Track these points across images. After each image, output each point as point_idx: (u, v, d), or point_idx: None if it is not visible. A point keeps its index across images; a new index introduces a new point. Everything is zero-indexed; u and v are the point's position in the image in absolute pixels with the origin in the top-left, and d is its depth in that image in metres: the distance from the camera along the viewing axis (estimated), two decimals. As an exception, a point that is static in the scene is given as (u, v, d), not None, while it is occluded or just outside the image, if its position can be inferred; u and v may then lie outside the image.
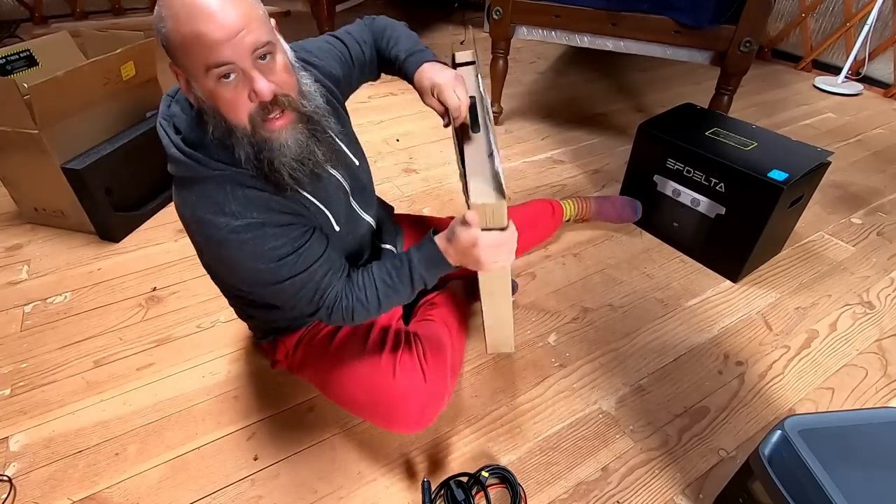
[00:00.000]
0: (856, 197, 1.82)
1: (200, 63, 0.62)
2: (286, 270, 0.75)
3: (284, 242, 0.74)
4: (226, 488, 0.94)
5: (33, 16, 3.30)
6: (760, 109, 2.50)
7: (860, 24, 2.62)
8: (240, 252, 0.72)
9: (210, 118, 0.67)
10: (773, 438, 0.73)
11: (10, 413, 1.06)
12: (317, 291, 0.78)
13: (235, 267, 0.75)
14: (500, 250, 0.76)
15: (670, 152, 1.44)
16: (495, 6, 1.93)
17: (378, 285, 0.81)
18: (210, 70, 0.62)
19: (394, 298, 0.83)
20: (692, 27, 1.65)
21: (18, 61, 1.52)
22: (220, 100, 0.65)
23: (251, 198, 0.72)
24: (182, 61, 0.64)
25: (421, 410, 0.90)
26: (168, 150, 0.70)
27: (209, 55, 0.61)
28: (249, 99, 0.65)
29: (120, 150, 1.49)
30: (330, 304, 0.80)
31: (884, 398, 1.12)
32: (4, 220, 1.62)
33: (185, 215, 0.73)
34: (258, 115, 0.66)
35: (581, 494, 0.94)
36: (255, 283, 0.78)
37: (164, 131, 0.71)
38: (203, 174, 0.70)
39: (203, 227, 0.71)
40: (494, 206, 0.73)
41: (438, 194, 1.79)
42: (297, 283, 0.76)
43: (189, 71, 0.64)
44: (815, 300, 1.38)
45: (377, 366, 0.92)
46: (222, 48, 0.61)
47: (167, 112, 0.73)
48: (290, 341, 1.00)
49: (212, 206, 0.70)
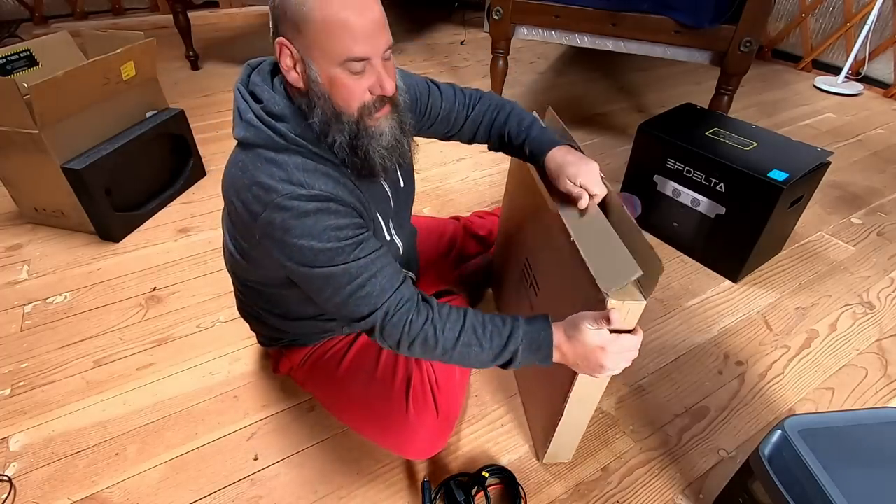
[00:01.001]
0: (856, 197, 1.82)
1: (339, 52, 0.63)
2: (342, 256, 0.68)
3: (346, 224, 0.69)
4: (226, 488, 0.94)
5: (33, 16, 3.29)
6: (760, 109, 2.50)
7: (860, 24, 2.62)
8: (299, 223, 0.66)
9: (317, 100, 0.67)
10: (773, 438, 0.73)
11: (10, 413, 1.06)
12: (375, 289, 0.69)
13: (287, 241, 0.67)
14: (625, 357, 0.68)
15: (670, 152, 1.44)
16: (495, 6, 1.93)
17: (465, 328, 0.70)
18: (346, 61, 0.64)
19: (469, 354, 0.70)
20: (692, 27, 1.65)
21: (18, 61, 1.52)
22: (339, 87, 0.66)
23: (322, 172, 0.70)
24: (311, 43, 0.63)
25: (433, 443, 0.91)
26: (244, 114, 0.69)
27: (352, 47, 0.63)
28: (370, 91, 0.67)
29: (120, 150, 1.49)
30: (392, 310, 0.70)
31: (884, 398, 1.12)
32: (4, 220, 1.62)
33: (244, 181, 0.68)
34: (371, 107, 0.69)
35: (581, 494, 0.94)
36: (303, 262, 0.68)
37: (240, 96, 0.70)
38: (278, 145, 0.68)
39: (265, 192, 0.66)
40: (635, 307, 0.66)
41: (438, 194, 1.79)
42: (353, 272, 0.68)
43: (314, 53, 0.64)
44: (815, 300, 1.38)
45: (389, 398, 0.90)
46: (366, 43, 0.63)
47: (247, 80, 0.72)
48: (296, 357, 0.98)
49: (279, 173, 0.67)
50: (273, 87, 0.71)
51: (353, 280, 0.69)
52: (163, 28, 3.36)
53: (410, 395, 0.90)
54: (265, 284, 0.85)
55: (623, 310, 0.66)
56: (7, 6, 3.25)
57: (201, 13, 3.58)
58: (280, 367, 1.01)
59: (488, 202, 1.74)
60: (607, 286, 0.67)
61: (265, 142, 0.68)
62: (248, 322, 1.01)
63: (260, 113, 0.68)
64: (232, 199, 0.72)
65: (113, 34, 1.59)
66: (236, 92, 0.71)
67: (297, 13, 0.62)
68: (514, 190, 1.16)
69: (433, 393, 0.91)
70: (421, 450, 0.91)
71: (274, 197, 0.66)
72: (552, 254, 0.90)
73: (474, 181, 1.87)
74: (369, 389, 0.92)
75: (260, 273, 0.83)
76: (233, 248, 0.83)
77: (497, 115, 0.95)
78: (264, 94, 0.70)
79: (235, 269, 0.88)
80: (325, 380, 0.96)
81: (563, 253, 0.81)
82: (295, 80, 0.67)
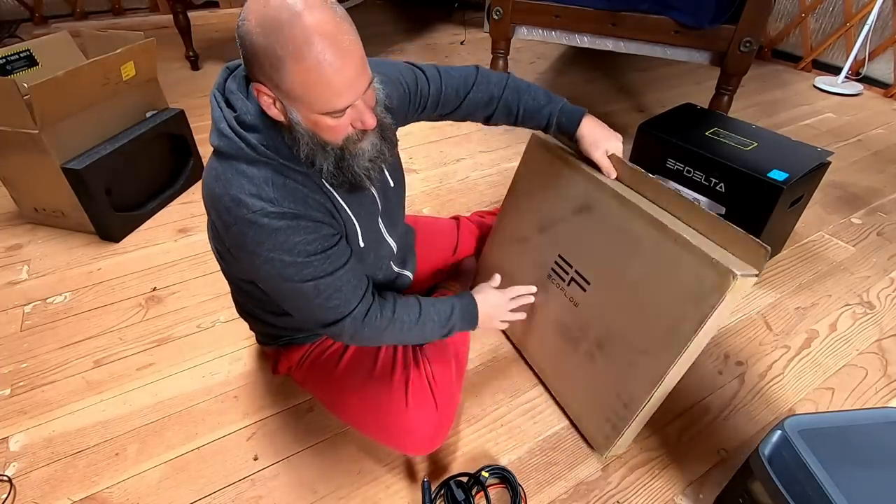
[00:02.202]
0: (856, 197, 1.82)
1: (320, 106, 0.63)
2: (310, 270, 0.72)
3: (314, 239, 0.71)
4: (226, 488, 0.94)
5: (33, 16, 3.30)
6: (760, 109, 2.50)
7: (860, 24, 2.62)
8: (269, 239, 0.69)
9: (301, 136, 0.67)
10: (773, 438, 0.73)
11: (10, 413, 1.06)
12: (341, 301, 0.76)
13: (259, 255, 0.71)
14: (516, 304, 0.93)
15: (670, 152, 1.44)
16: (495, 6, 1.93)
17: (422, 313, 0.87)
18: (328, 114, 0.64)
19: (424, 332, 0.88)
20: (692, 27, 1.65)
21: (18, 61, 1.52)
22: (323, 128, 0.66)
23: (290, 189, 0.70)
24: (289, 95, 0.63)
25: (433, 437, 0.91)
26: (218, 123, 0.69)
27: (333, 101, 0.63)
28: (352, 126, 0.68)
29: (120, 150, 1.49)
30: (359, 315, 0.78)
31: (884, 398, 1.12)
32: (4, 220, 1.62)
33: (216, 191, 0.70)
34: (356, 137, 0.69)
35: (581, 494, 0.94)
36: (274, 276, 0.73)
37: (216, 103, 0.70)
38: (249, 157, 0.68)
39: (236, 206, 0.68)
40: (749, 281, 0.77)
41: (438, 194, 1.79)
42: (320, 286, 0.73)
43: (295, 104, 0.64)
44: (815, 300, 1.38)
45: (389, 394, 0.91)
46: (347, 94, 0.63)
47: (224, 86, 0.71)
48: (294, 356, 0.98)
49: (249, 188, 0.68)
50: (248, 94, 0.70)
51: (321, 294, 0.74)
52: (163, 28, 3.36)
53: (409, 392, 0.90)
54: (245, 281, 0.87)
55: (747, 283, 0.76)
56: (7, 6, 3.25)
57: (201, 13, 3.57)
58: (279, 367, 1.01)
59: (488, 202, 1.74)
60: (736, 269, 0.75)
61: (237, 153, 0.68)
62: (245, 320, 1.02)
63: (233, 123, 0.68)
64: (207, 207, 0.75)
65: (113, 34, 1.59)
66: (212, 98, 0.71)
67: (274, 70, 0.60)
68: (529, 191, 1.15)
69: (431, 388, 0.92)
70: (422, 446, 0.92)
71: (244, 212, 0.68)
72: (622, 246, 0.93)
73: (474, 181, 1.87)
74: (369, 387, 0.92)
75: (238, 270, 0.85)
76: (214, 250, 0.86)
77: (504, 94, 0.98)
78: (237, 102, 0.69)
79: (223, 268, 0.90)
80: (324, 379, 0.96)
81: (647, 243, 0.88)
82: (275, 116, 0.67)
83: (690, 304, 0.80)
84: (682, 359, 0.83)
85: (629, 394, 0.91)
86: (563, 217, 1.05)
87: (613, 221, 0.94)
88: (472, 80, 0.97)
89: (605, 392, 0.96)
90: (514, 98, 0.97)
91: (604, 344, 0.96)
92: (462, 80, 0.96)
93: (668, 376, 0.85)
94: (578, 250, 1.02)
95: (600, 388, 0.97)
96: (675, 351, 0.83)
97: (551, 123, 0.99)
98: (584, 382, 1.01)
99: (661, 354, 0.85)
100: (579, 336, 1.01)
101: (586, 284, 1.00)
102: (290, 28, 0.57)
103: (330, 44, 0.59)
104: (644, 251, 0.89)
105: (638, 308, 0.90)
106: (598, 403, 0.98)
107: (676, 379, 0.89)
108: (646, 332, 0.88)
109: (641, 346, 0.89)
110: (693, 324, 0.80)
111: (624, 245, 0.92)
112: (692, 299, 0.80)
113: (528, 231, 1.14)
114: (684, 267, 0.82)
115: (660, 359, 0.85)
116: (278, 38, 0.58)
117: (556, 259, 1.06)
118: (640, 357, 0.89)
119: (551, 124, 0.99)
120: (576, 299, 1.02)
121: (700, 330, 0.79)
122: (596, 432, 1.00)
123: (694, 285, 0.80)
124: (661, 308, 0.86)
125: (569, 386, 1.07)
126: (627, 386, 0.92)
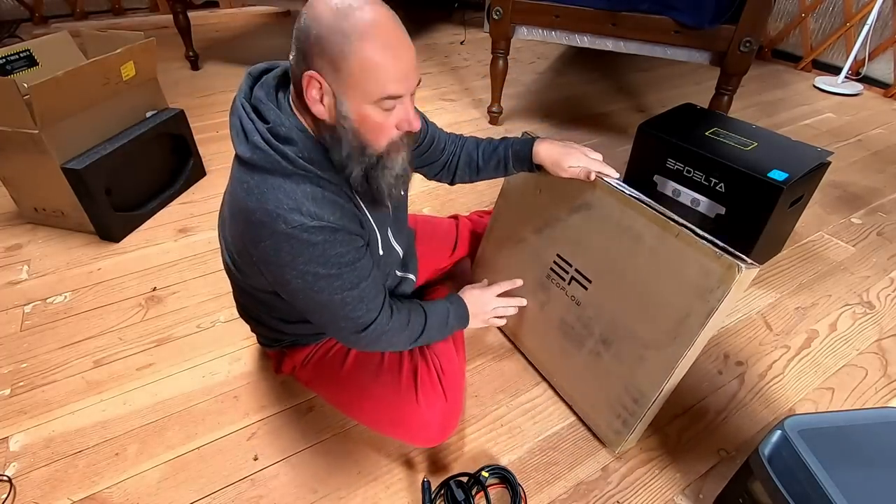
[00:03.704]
0: (856, 197, 1.82)
1: (375, 90, 0.64)
2: (340, 283, 0.72)
3: (349, 251, 0.71)
4: (226, 488, 0.94)
5: (33, 16, 3.30)
6: (760, 109, 2.50)
7: (860, 24, 2.63)
8: (305, 253, 0.68)
9: (345, 134, 0.67)
10: (773, 438, 0.73)
11: (10, 413, 1.06)
12: (363, 311, 0.76)
13: (293, 269, 0.69)
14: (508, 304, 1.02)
15: (670, 152, 1.44)
16: (495, 6, 1.93)
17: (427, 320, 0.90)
18: (381, 99, 0.64)
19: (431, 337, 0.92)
20: (692, 27, 1.65)
21: (18, 61, 1.52)
22: (370, 124, 0.66)
23: (329, 201, 0.70)
24: (347, 80, 0.63)
25: (444, 428, 0.92)
26: (251, 136, 0.67)
27: (389, 86, 0.64)
28: (397, 127, 0.69)
29: (120, 150, 1.49)
30: (376, 325, 0.79)
31: (884, 398, 1.12)
32: (4, 220, 1.62)
33: (249, 205, 0.68)
34: (399, 142, 0.70)
35: (581, 494, 0.94)
36: (304, 289, 0.72)
37: (246, 115, 0.68)
38: (286, 170, 0.67)
39: (272, 220, 0.66)
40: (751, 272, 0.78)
41: (438, 194, 1.79)
42: (347, 298, 0.73)
43: (349, 91, 0.64)
44: (815, 300, 1.38)
45: (398, 389, 0.91)
46: (401, 82, 0.65)
47: (249, 94, 0.70)
48: (299, 356, 0.98)
49: (288, 202, 0.66)
50: (278, 103, 0.69)
51: (347, 305, 0.74)
52: (163, 28, 3.36)
53: (419, 385, 0.91)
54: (262, 291, 0.86)
55: (749, 275, 0.77)
56: (7, 6, 3.25)
57: (201, 13, 3.58)
58: (282, 367, 1.01)
59: (488, 202, 1.74)
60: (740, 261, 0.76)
61: (272, 166, 0.67)
62: (248, 323, 1.01)
63: (267, 136, 0.66)
64: (236, 218, 0.72)
65: (113, 34, 1.59)
66: (240, 108, 0.69)
67: (337, 51, 0.61)
68: (522, 194, 1.15)
69: (440, 379, 0.93)
70: (433, 437, 0.92)
71: (282, 227, 0.66)
72: (623, 242, 0.93)
73: (474, 181, 1.87)
74: (377, 383, 0.92)
75: (256, 282, 0.83)
76: (228, 258, 0.84)
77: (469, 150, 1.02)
78: (270, 113, 0.68)
79: (232, 276, 0.89)
80: (330, 377, 0.96)
81: (649, 239, 0.89)
82: (320, 113, 0.66)
83: (696, 297, 0.81)
84: (690, 352, 0.84)
85: (638, 389, 0.92)
86: (559, 217, 1.06)
87: (613, 219, 0.94)
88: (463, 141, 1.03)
89: (614, 388, 0.96)
90: (473, 146, 1.02)
91: (610, 341, 0.96)
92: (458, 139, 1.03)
93: (677, 370, 0.86)
94: (578, 249, 1.02)
95: (608, 385, 0.98)
96: (684, 345, 0.83)
97: (508, 157, 1.00)
98: (592, 380, 1.02)
99: (670, 348, 0.86)
100: (584, 334, 1.01)
101: (587, 282, 1.00)
102: (361, 12, 0.61)
103: (394, 29, 0.63)
104: (646, 247, 0.89)
105: (643, 304, 0.90)
106: (607, 400, 0.98)
107: (682, 373, 0.89)
108: (653, 327, 0.89)
109: (649, 341, 0.89)
110: (700, 317, 0.81)
111: (625, 242, 0.93)
112: (698, 293, 0.81)
113: (523, 233, 1.14)
114: (688, 261, 0.82)
115: (668, 353, 0.86)
116: (347, 18, 0.61)
117: (555, 258, 1.06)
118: (648, 352, 0.89)
119: (508, 158, 1.00)
120: (577, 298, 1.02)
121: (707, 323, 0.80)
122: (606, 429, 1.00)
123: (699, 279, 0.81)
124: (666, 303, 0.86)
125: (576, 384, 1.07)
126: (636, 381, 0.92)
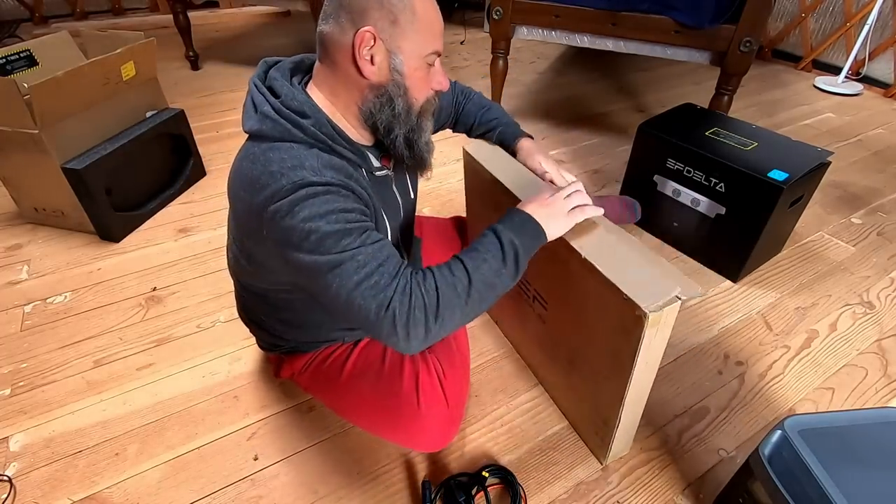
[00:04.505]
0: (856, 197, 1.82)
1: (429, 45, 0.71)
2: (349, 239, 0.64)
3: (355, 208, 0.67)
4: (226, 488, 0.94)
5: (33, 16, 3.30)
6: (760, 109, 2.50)
7: (860, 24, 2.62)
8: (307, 205, 0.63)
9: (395, 91, 0.72)
10: (773, 438, 0.73)
11: (10, 413, 1.06)
12: (383, 278, 0.64)
13: (294, 226, 0.63)
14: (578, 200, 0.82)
15: (670, 152, 1.44)
16: (495, 6, 1.93)
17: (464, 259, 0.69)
18: (430, 54, 0.72)
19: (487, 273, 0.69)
20: (692, 27, 1.65)
21: (18, 61, 1.52)
22: (417, 80, 0.73)
23: (336, 164, 0.69)
24: (406, 34, 0.68)
25: (445, 434, 0.92)
26: (260, 107, 0.69)
27: (436, 42, 0.72)
28: (431, 86, 0.76)
29: (120, 150, 1.49)
30: (408, 289, 0.65)
31: (884, 398, 1.12)
32: (4, 220, 1.62)
33: (253, 173, 0.66)
34: (431, 101, 0.77)
35: (581, 494, 0.94)
36: (310, 249, 0.64)
37: (256, 89, 0.71)
38: (296, 137, 0.68)
39: (274, 180, 0.64)
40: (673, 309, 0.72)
41: (439, 194, 1.79)
42: (360, 259, 0.64)
43: (406, 45, 0.69)
44: (815, 300, 1.38)
45: (399, 395, 0.89)
46: (441, 39, 0.73)
47: (264, 76, 0.73)
48: (298, 363, 0.97)
49: (291, 161, 0.66)
50: (292, 84, 0.72)
51: (362, 268, 0.64)
52: (163, 28, 3.36)
53: (420, 389, 0.89)
54: (270, 290, 0.85)
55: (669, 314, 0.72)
56: (7, 6, 3.25)
57: (201, 13, 3.58)
58: (281, 372, 1.01)
59: (488, 202, 1.74)
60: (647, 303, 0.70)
61: (281, 135, 0.68)
62: (248, 327, 1.00)
63: (279, 106, 0.68)
64: (239, 193, 0.69)
65: (113, 34, 1.59)
66: (252, 86, 0.72)
67: (399, 5, 0.67)
68: (482, 205, 1.15)
69: (441, 384, 0.92)
70: (435, 442, 0.92)
71: (283, 183, 0.64)
72: (556, 267, 0.89)
73: (474, 181, 1.87)
74: (378, 389, 0.91)
75: (265, 277, 0.82)
76: (237, 252, 0.82)
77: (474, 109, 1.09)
78: (283, 88, 0.70)
79: (240, 274, 0.88)
80: (330, 384, 0.95)
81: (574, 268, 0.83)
82: (370, 73, 0.70)
83: (621, 336, 0.77)
84: (634, 383, 0.81)
85: (603, 412, 0.91)
86: None
87: (549, 250, 0.82)
88: (465, 96, 1.10)
89: (587, 406, 0.96)
90: (475, 108, 1.10)
91: (575, 362, 0.96)
92: (461, 94, 1.10)
93: (628, 398, 0.83)
94: (534, 271, 0.92)
95: (581, 402, 0.98)
96: (623, 377, 0.80)
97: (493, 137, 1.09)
98: (570, 394, 1.02)
99: (614, 379, 0.83)
100: (556, 352, 1.01)
101: (546, 304, 0.99)
102: None
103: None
104: (577, 283, 0.85)
105: (586, 335, 0.88)
106: (584, 415, 0.99)
107: (644, 396, 0.88)
108: (597, 358, 0.87)
109: (598, 369, 0.88)
110: (629, 355, 0.77)
111: (562, 275, 0.89)
112: (622, 332, 0.77)
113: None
114: (607, 302, 0.78)
115: (614, 384, 0.84)
116: None
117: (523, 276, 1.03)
118: (601, 379, 0.88)
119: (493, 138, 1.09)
120: (543, 317, 1.02)
121: (637, 359, 0.76)
122: (589, 440, 1.01)
123: (618, 320, 0.77)
124: (602, 337, 0.83)
125: (562, 394, 1.07)
126: (599, 404, 0.91)
